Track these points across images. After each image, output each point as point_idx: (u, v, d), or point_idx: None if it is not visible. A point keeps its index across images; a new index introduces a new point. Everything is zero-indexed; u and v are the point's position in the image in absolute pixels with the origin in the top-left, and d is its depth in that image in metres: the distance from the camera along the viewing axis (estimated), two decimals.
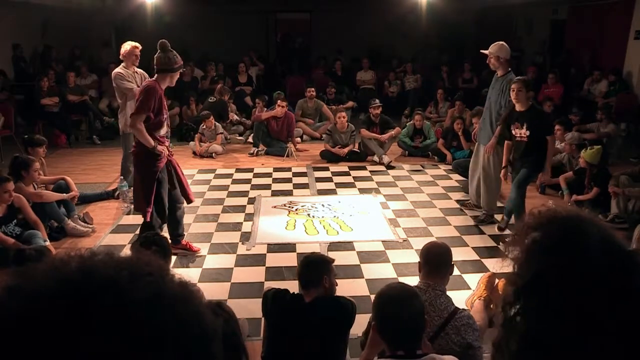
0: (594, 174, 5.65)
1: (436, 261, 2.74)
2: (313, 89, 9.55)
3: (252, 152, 8.20)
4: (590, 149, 5.71)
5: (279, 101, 8.34)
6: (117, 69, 5.56)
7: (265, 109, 9.03)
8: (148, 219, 4.24)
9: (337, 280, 2.88)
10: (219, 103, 9.09)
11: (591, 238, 0.75)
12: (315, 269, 2.78)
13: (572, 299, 0.72)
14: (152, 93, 4.03)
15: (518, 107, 4.61)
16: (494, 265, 4.33)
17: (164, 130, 4.29)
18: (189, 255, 4.58)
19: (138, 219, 5.42)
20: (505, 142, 4.89)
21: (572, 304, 0.72)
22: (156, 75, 4.15)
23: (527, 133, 4.63)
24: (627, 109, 8.64)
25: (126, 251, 4.67)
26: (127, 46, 5.51)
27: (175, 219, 4.53)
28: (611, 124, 7.56)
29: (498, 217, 5.35)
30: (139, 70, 5.61)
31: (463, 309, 2.65)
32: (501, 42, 5.02)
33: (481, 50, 5.11)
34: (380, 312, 2.04)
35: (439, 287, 2.66)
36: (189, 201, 4.63)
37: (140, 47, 5.49)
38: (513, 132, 4.72)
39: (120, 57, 5.53)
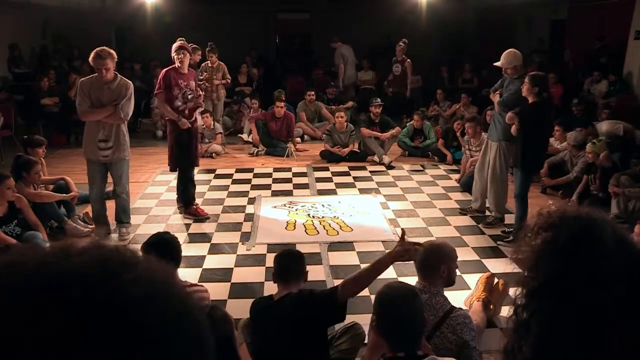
0: (605, 167, 5.62)
1: (423, 265, 2.74)
2: (313, 92, 9.53)
3: (252, 152, 8.20)
4: (599, 141, 5.80)
5: (277, 102, 8.33)
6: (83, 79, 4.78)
7: (261, 109, 9.04)
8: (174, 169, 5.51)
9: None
10: None
11: (606, 238, 0.74)
12: (297, 260, 2.77)
13: (591, 301, 0.71)
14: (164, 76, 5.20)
15: (529, 100, 4.64)
16: (493, 265, 4.34)
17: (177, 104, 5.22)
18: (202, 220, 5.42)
19: (138, 219, 5.43)
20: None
21: (591, 306, 0.71)
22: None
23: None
24: (627, 109, 8.63)
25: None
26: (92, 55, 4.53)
27: (184, 184, 5.50)
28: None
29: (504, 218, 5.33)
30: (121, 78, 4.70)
31: (459, 308, 2.66)
32: (513, 51, 4.95)
33: (494, 64, 5.09)
34: (380, 312, 2.04)
35: (434, 288, 2.66)
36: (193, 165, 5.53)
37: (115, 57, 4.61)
38: None
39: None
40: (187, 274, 4.14)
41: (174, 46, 5.29)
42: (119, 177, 4.90)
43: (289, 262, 2.79)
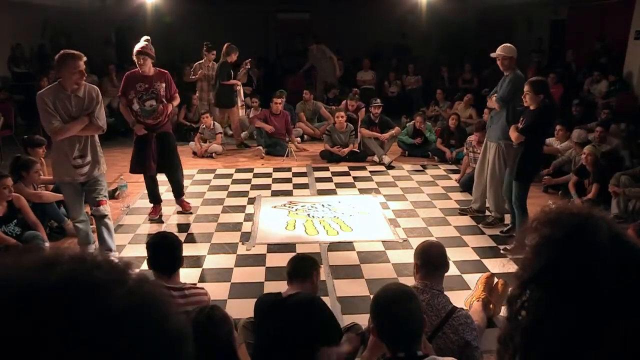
0: (601, 166, 5.64)
1: (437, 262, 2.74)
2: (308, 91, 9.53)
3: (256, 153, 8.17)
4: (599, 147, 5.89)
5: (274, 99, 8.34)
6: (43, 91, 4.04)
7: (261, 108, 9.05)
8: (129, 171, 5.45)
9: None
10: (222, 66, 8.40)
11: (600, 234, 0.75)
12: (309, 263, 2.86)
13: (581, 293, 0.72)
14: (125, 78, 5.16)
15: (530, 107, 4.56)
16: (493, 265, 4.33)
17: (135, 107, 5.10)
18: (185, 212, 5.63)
19: (138, 219, 5.44)
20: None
21: (581, 299, 0.72)
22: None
23: (520, 126, 4.61)
24: (627, 109, 8.63)
25: (125, 252, 4.68)
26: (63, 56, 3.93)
27: (170, 181, 5.59)
28: (612, 124, 7.58)
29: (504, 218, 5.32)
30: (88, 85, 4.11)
31: (461, 308, 2.66)
32: (508, 44, 4.96)
33: (491, 54, 5.06)
34: (377, 314, 2.04)
35: (436, 287, 2.66)
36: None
37: (84, 58, 4.01)
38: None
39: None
40: (187, 274, 4.14)
41: (135, 49, 5.05)
42: (98, 193, 4.23)
43: (298, 263, 2.86)
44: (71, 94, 3.96)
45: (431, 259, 2.74)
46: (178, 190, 5.63)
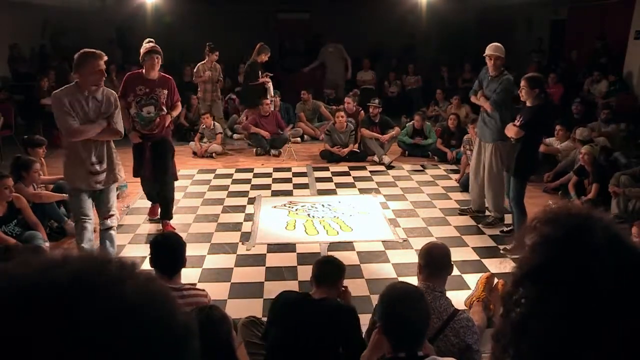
0: (600, 166, 5.65)
1: (440, 263, 2.74)
2: (305, 91, 9.53)
3: (258, 152, 8.19)
4: (596, 145, 5.89)
5: (263, 100, 8.36)
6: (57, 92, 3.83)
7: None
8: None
9: None
10: (251, 65, 8.38)
11: (599, 234, 0.75)
12: (337, 268, 2.83)
13: (575, 293, 0.72)
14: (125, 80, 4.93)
15: (527, 103, 4.59)
16: (494, 265, 4.33)
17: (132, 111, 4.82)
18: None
19: (138, 219, 5.44)
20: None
21: (575, 298, 0.72)
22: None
23: (517, 123, 4.61)
24: (627, 109, 8.63)
25: (125, 252, 4.68)
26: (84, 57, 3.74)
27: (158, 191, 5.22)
28: (612, 124, 7.58)
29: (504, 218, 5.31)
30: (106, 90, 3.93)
31: (462, 311, 2.65)
32: (497, 44, 4.99)
33: (484, 55, 5.06)
34: (387, 312, 2.03)
35: (438, 289, 2.66)
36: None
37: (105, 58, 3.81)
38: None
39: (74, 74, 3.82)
40: (187, 274, 4.13)
41: (143, 49, 4.77)
42: (111, 205, 4.06)
43: (325, 267, 2.84)
44: (89, 96, 3.77)
45: (434, 260, 2.73)
46: (165, 209, 5.18)
